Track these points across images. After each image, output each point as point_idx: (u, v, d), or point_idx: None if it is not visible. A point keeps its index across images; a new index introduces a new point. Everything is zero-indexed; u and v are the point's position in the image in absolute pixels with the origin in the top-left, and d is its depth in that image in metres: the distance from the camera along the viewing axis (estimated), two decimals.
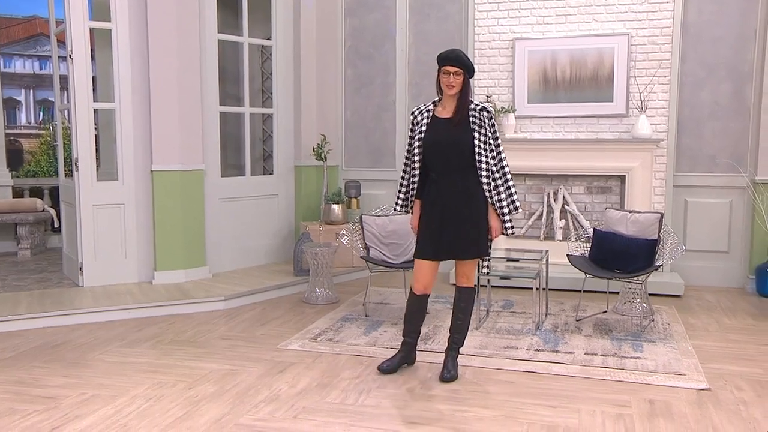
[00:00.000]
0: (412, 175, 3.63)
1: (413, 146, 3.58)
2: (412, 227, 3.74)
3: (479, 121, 3.47)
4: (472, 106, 3.49)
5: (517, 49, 6.01)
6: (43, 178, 12.32)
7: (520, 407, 3.23)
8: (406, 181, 3.68)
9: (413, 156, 3.58)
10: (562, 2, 5.92)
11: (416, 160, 3.57)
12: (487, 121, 3.48)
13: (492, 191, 3.48)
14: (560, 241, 5.93)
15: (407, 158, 3.65)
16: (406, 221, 4.55)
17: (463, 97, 3.48)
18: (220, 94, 5.99)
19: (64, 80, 5.58)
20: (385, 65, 6.72)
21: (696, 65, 5.79)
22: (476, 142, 3.44)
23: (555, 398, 3.33)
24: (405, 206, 3.72)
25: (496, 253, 5.00)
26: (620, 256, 4.59)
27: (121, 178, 5.52)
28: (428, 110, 3.58)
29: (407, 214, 3.86)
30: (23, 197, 8.13)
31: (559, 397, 3.35)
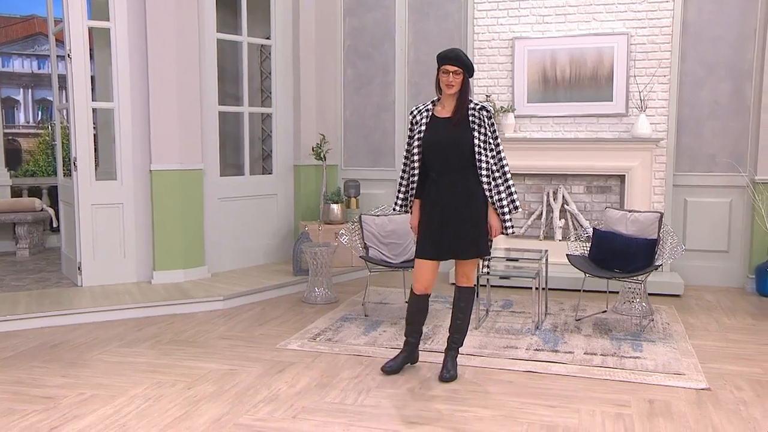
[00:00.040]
0: (411, 175, 3.62)
1: (412, 146, 3.57)
2: (411, 227, 3.73)
3: (479, 120, 3.46)
4: (472, 105, 3.48)
5: (516, 49, 6.00)
6: (41, 177, 12.30)
7: (520, 407, 3.22)
8: (405, 181, 3.67)
9: (412, 156, 3.57)
10: (561, 1, 5.91)
11: (416, 160, 3.56)
12: (486, 121, 3.47)
13: (492, 190, 3.48)
14: (560, 240, 5.92)
15: (406, 158, 3.65)
16: (406, 221, 4.55)
17: (462, 97, 3.47)
18: (219, 93, 5.98)
19: (63, 79, 5.57)
20: (384, 64, 6.71)
21: (696, 64, 5.79)
22: (476, 141, 3.44)
23: (554, 398, 3.33)
24: (404, 206, 3.71)
25: (496, 252, 5.00)
26: (620, 255, 4.58)
27: (120, 178, 5.52)
28: (427, 110, 3.57)
29: (406, 214, 3.86)
30: (22, 197, 8.12)
31: (559, 396, 3.35)
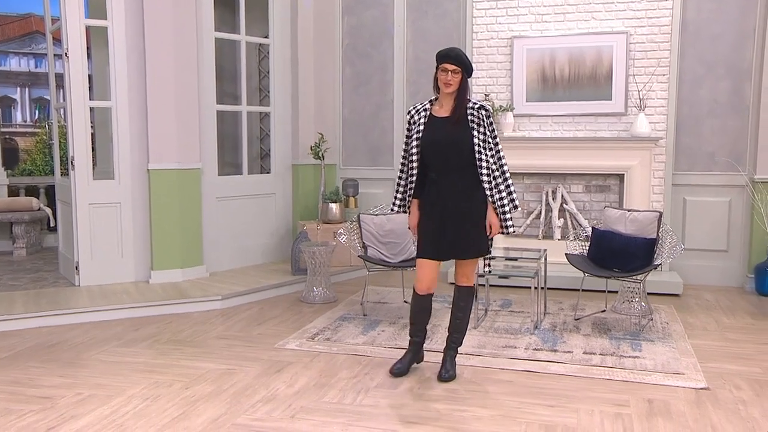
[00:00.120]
0: (409, 175, 3.60)
1: (410, 146, 3.55)
2: (409, 227, 3.72)
3: (478, 119, 3.45)
4: (471, 104, 3.47)
5: (515, 47, 5.99)
6: (38, 176, 12.31)
7: (519, 407, 3.21)
8: (403, 181, 3.65)
9: (411, 156, 3.55)
10: (560, 0, 5.90)
11: (414, 160, 3.53)
12: (485, 120, 3.46)
13: (492, 190, 3.46)
14: (559, 240, 5.92)
15: (404, 158, 3.62)
16: (404, 220, 4.53)
17: (461, 96, 3.45)
18: (217, 92, 5.97)
19: (60, 78, 5.56)
20: (383, 63, 6.69)
21: (695, 63, 5.78)
22: (476, 140, 3.42)
23: (553, 398, 3.32)
24: (402, 206, 3.68)
25: (494, 252, 4.98)
26: (619, 255, 4.58)
27: (118, 177, 5.50)
28: (425, 109, 3.55)
29: (405, 214, 3.84)
30: (19, 196, 8.10)
31: (558, 396, 3.34)
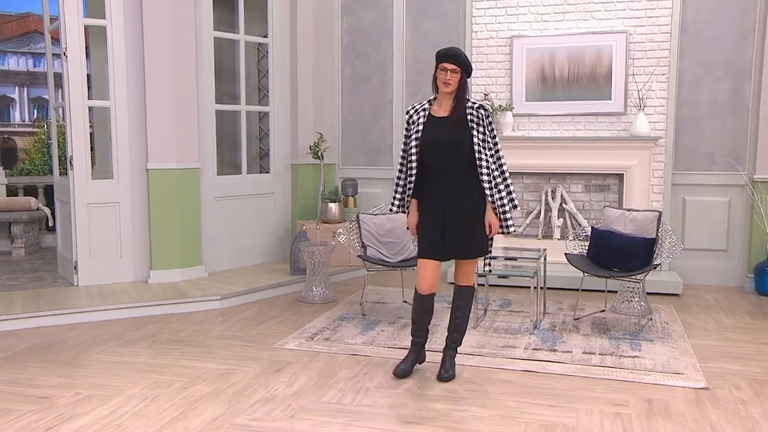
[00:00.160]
0: (409, 175, 3.59)
1: (409, 146, 3.54)
2: (408, 227, 3.71)
3: (477, 119, 3.44)
4: (470, 104, 3.46)
5: (514, 47, 5.99)
6: (37, 176, 12.29)
7: (518, 406, 3.21)
8: (402, 181, 3.64)
9: (410, 156, 3.54)
10: (560, 0, 5.90)
11: (413, 160, 3.52)
12: (485, 120, 3.45)
13: (492, 189, 3.45)
14: (558, 239, 5.92)
15: (403, 158, 3.61)
16: (404, 220, 4.51)
17: (460, 96, 3.44)
18: (216, 92, 5.96)
19: (59, 78, 5.55)
20: (382, 63, 6.69)
21: (694, 63, 5.78)
22: (475, 140, 3.41)
23: (553, 397, 3.32)
24: (401, 206, 3.67)
25: (494, 252, 4.97)
26: (618, 254, 4.57)
27: (117, 177, 5.49)
28: (424, 109, 3.54)
29: (404, 214, 3.83)
30: (17, 196, 8.08)
31: (557, 396, 3.34)
